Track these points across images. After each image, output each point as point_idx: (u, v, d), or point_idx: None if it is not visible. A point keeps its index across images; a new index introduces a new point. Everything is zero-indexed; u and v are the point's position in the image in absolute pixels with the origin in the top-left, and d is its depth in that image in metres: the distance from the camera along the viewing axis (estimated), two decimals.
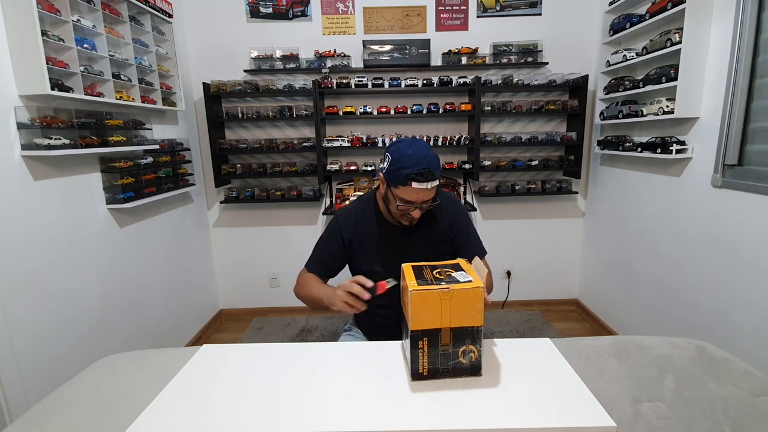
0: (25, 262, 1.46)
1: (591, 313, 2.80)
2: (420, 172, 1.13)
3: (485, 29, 2.62)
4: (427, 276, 0.84)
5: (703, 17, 1.75)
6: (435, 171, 1.15)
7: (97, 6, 1.70)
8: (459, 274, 0.84)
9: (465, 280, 0.81)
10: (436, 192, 1.22)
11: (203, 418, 0.75)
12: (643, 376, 0.90)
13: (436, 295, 0.78)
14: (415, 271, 0.88)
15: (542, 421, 0.71)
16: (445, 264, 0.91)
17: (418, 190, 1.15)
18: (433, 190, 1.18)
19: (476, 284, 0.79)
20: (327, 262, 1.35)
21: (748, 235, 1.59)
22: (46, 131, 1.49)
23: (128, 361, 1.02)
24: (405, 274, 0.87)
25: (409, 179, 1.13)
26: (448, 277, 0.83)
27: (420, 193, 1.16)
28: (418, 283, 0.80)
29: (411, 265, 0.91)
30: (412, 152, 1.16)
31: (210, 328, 2.82)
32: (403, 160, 1.15)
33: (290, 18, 2.60)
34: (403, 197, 1.18)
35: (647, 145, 2.06)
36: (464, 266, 0.90)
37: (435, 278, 0.83)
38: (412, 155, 1.15)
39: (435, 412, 0.73)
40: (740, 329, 1.63)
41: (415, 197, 1.17)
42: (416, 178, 1.13)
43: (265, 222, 2.88)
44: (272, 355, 0.95)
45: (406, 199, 1.18)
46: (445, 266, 0.89)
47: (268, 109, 2.59)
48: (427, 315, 0.79)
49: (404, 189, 1.16)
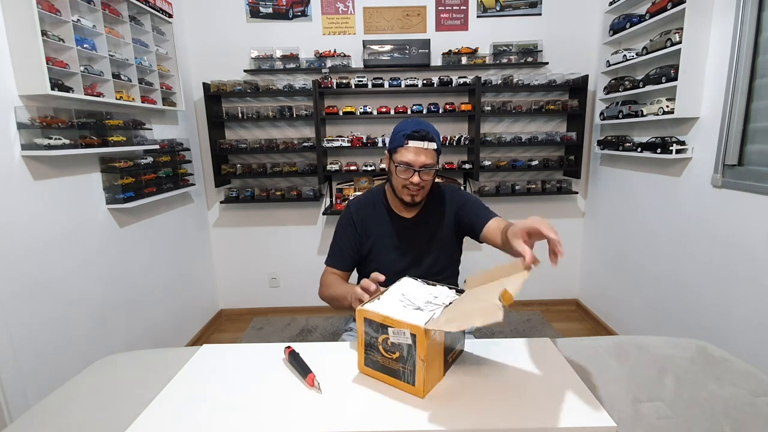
0: (25, 262, 1.46)
1: (591, 313, 2.80)
2: (416, 130, 1.19)
3: (485, 29, 2.62)
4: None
5: (703, 17, 1.75)
6: (431, 133, 1.21)
7: (97, 6, 1.70)
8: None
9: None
10: (436, 162, 1.24)
11: (203, 418, 0.75)
12: (643, 376, 0.90)
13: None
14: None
15: (542, 421, 0.71)
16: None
17: (416, 150, 1.19)
18: (430, 153, 1.21)
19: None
20: (346, 252, 1.36)
21: (748, 235, 1.59)
22: (46, 131, 1.49)
23: (128, 361, 1.02)
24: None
25: (406, 137, 1.20)
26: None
27: (418, 154, 1.19)
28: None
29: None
30: (410, 121, 1.26)
31: (210, 328, 2.82)
32: (400, 125, 1.25)
33: (290, 18, 2.61)
34: (402, 160, 1.21)
35: (647, 145, 2.06)
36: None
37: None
38: (409, 121, 1.25)
39: (435, 412, 0.73)
40: (740, 329, 1.63)
41: (413, 158, 1.19)
42: (412, 135, 1.19)
43: (265, 222, 2.88)
44: (272, 355, 0.95)
45: (405, 161, 1.20)
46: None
47: (268, 109, 2.59)
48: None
49: (402, 150, 1.21)
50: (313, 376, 0.83)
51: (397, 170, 1.23)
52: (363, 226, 1.36)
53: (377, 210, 1.37)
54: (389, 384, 0.82)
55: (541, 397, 0.77)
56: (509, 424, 0.71)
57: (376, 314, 0.80)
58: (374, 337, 0.82)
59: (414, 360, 0.76)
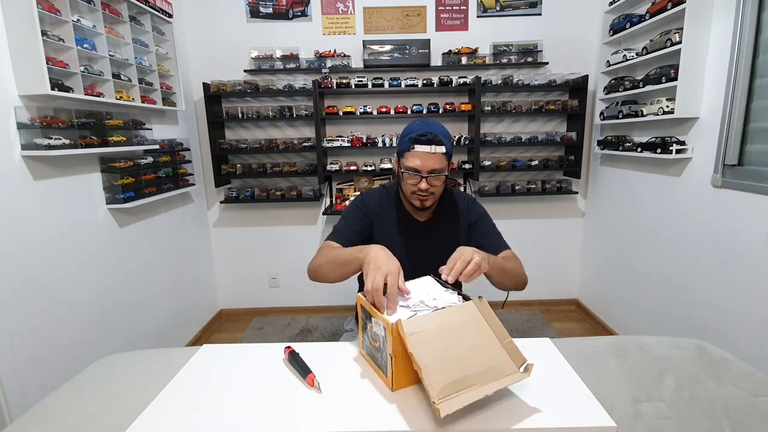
0: (25, 262, 1.46)
1: (591, 313, 2.80)
2: (423, 134, 1.15)
3: (485, 29, 2.62)
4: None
5: (703, 17, 1.75)
6: (440, 137, 1.16)
7: (97, 6, 1.70)
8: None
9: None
10: (447, 169, 1.20)
11: (203, 418, 0.75)
12: (643, 376, 0.90)
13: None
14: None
15: (542, 421, 0.71)
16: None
17: (423, 155, 1.15)
18: (439, 157, 1.16)
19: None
20: (353, 232, 1.25)
21: (748, 235, 1.59)
22: (46, 131, 1.49)
23: (128, 361, 1.02)
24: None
25: (413, 141, 1.16)
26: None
27: (425, 159, 1.15)
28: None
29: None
30: (418, 122, 1.22)
31: (210, 328, 2.82)
32: (408, 128, 1.22)
33: (290, 18, 2.60)
34: (410, 165, 1.17)
35: (647, 145, 2.06)
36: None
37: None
38: (417, 124, 1.21)
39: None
40: (740, 329, 1.63)
41: (420, 163, 1.16)
42: (419, 140, 1.15)
43: (265, 222, 2.88)
44: (272, 355, 0.95)
45: (412, 167, 1.17)
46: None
47: (268, 109, 2.59)
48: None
49: (409, 155, 1.17)
50: (313, 376, 0.83)
51: (404, 175, 1.20)
52: (373, 218, 1.31)
53: (389, 207, 1.33)
54: (374, 369, 0.87)
55: (541, 397, 0.77)
56: (509, 424, 0.71)
57: (366, 302, 0.86)
58: (366, 323, 0.87)
59: (386, 353, 0.79)
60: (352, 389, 0.82)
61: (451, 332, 0.76)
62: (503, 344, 0.77)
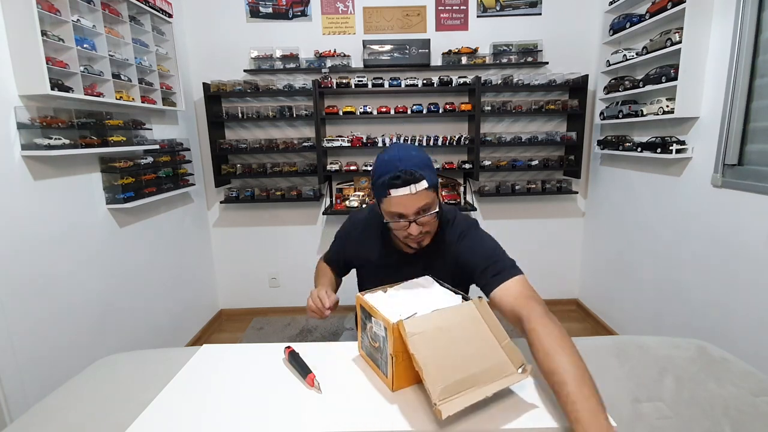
0: (25, 262, 1.46)
1: (591, 313, 2.80)
2: (396, 176, 0.94)
3: (485, 29, 2.62)
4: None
5: (703, 17, 1.75)
6: (417, 171, 0.94)
7: (97, 6, 1.70)
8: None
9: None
10: (436, 201, 1.01)
11: (203, 419, 0.75)
12: (643, 376, 0.90)
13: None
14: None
15: (542, 421, 0.71)
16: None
17: (401, 198, 0.95)
18: (421, 195, 0.96)
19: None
20: (335, 259, 1.32)
21: (748, 235, 1.59)
22: (46, 131, 1.49)
23: (128, 361, 1.02)
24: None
25: (386, 187, 0.95)
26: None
27: (405, 202, 0.96)
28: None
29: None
30: (388, 157, 0.98)
31: (210, 328, 2.81)
32: (379, 169, 0.99)
33: (290, 18, 2.60)
34: (392, 211, 0.98)
35: (647, 145, 2.05)
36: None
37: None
38: (387, 160, 0.98)
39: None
40: (740, 329, 1.63)
41: (401, 208, 0.97)
42: (393, 183, 0.94)
43: (265, 222, 2.88)
44: (272, 355, 0.95)
45: (396, 212, 0.98)
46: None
47: (268, 109, 2.59)
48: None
49: (387, 201, 0.98)
50: (313, 376, 0.83)
51: (390, 224, 1.02)
52: (354, 248, 1.23)
53: (374, 236, 1.19)
54: (373, 370, 0.87)
55: (541, 396, 0.77)
56: (509, 424, 0.71)
57: (365, 302, 0.85)
58: (365, 323, 0.87)
59: (387, 353, 0.79)
60: (352, 389, 0.82)
61: (450, 332, 0.77)
62: (502, 345, 0.77)
